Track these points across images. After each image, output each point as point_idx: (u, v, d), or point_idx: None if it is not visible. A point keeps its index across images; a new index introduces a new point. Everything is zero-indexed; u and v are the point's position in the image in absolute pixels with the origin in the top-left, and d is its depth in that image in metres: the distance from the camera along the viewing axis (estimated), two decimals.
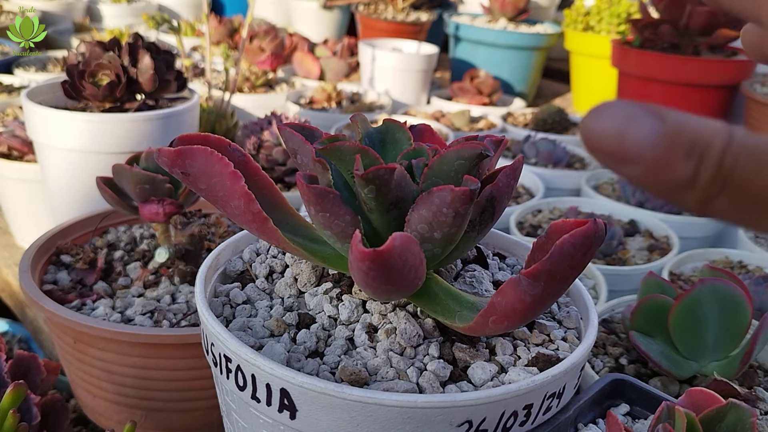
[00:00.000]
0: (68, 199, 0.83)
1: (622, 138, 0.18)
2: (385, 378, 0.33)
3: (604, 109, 0.19)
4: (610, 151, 0.19)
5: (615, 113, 0.19)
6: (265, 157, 1.02)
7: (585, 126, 0.19)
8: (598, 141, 0.19)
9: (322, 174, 0.34)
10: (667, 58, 1.40)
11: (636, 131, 0.18)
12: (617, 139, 0.18)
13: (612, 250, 0.91)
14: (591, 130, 0.19)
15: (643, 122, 0.18)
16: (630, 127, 0.18)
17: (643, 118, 0.19)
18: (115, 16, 2.15)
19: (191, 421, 0.60)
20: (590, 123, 0.19)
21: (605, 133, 0.19)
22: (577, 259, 0.30)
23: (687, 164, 0.18)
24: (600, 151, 0.19)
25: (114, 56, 0.79)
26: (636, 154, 0.18)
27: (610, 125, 0.19)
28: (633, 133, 0.18)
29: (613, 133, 0.18)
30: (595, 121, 0.19)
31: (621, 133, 0.18)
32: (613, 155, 0.19)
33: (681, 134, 0.18)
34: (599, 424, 0.41)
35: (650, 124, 0.18)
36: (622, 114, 0.19)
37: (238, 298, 0.40)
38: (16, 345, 0.92)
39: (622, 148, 0.18)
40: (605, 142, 0.19)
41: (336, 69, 1.77)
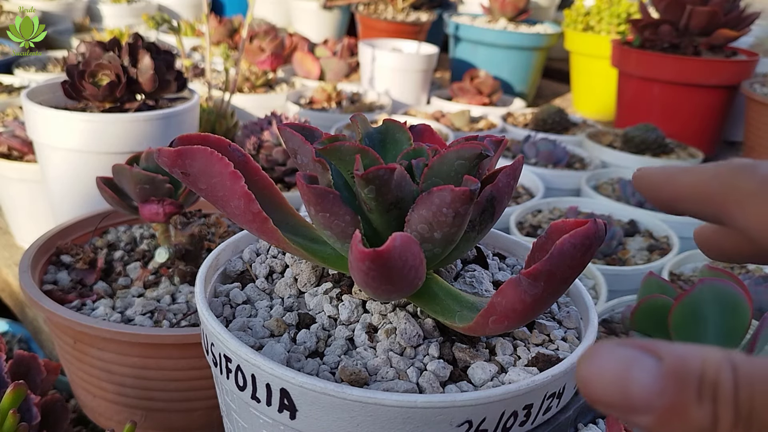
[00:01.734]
0: (68, 199, 0.83)
1: (625, 387, 0.17)
2: (385, 378, 0.33)
3: (596, 355, 0.17)
4: (616, 402, 0.17)
5: (610, 358, 0.17)
6: (265, 157, 1.02)
7: (581, 376, 0.17)
8: (600, 393, 0.17)
9: (322, 174, 0.34)
10: (667, 58, 1.40)
11: (638, 377, 0.17)
12: (620, 389, 0.17)
13: (612, 250, 0.91)
14: (589, 381, 0.17)
15: (642, 365, 0.17)
16: (631, 374, 0.17)
17: (641, 359, 0.17)
18: (115, 16, 2.16)
19: (191, 421, 0.60)
20: (586, 373, 0.17)
21: (605, 384, 0.17)
22: (577, 259, 0.30)
23: (702, 408, 0.16)
24: (604, 404, 0.17)
25: (114, 56, 0.79)
26: (645, 404, 0.17)
27: (608, 374, 0.17)
28: (636, 380, 0.17)
29: (613, 383, 0.17)
30: (590, 370, 0.17)
31: (623, 382, 0.17)
32: (620, 407, 0.17)
33: (685, 372, 0.17)
34: (599, 424, 0.41)
35: (649, 365, 0.17)
36: (619, 359, 0.17)
37: (238, 298, 0.40)
38: (16, 345, 0.92)
39: (627, 399, 0.17)
40: (608, 394, 0.17)
41: (336, 69, 1.77)
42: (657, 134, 1.29)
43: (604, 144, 1.35)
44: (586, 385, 0.17)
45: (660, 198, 0.28)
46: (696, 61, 1.40)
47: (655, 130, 1.30)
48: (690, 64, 1.40)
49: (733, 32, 1.37)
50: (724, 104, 1.46)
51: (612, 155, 1.27)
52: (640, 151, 1.29)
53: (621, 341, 0.18)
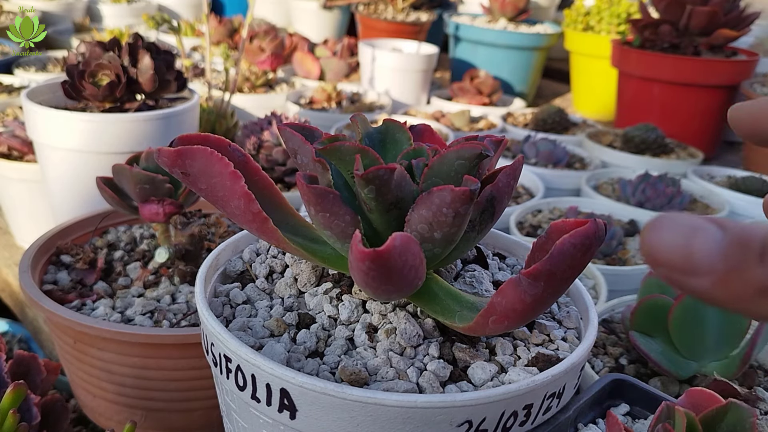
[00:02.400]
0: (68, 199, 0.83)
1: (689, 250, 0.18)
2: (385, 378, 0.33)
3: (663, 222, 0.18)
4: (677, 264, 0.18)
5: (676, 225, 0.18)
6: (265, 157, 1.02)
7: (646, 241, 0.18)
8: (663, 255, 0.18)
9: (322, 174, 0.34)
10: (667, 58, 1.40)
11: (703, 242, 0.18)
12: (684, 252, 0.18)
13: (612, 250, 0.91)
14: (654, 245, 0.18)
15: (707, 233, 0.18)
16: (695, 239, 0.18)
17: (706, 228, 0.18)
18: (115, 16, 2.16)
19: (191, 421, 0.60)
20: (652, 238, 0.18)
21: (670, 247, 0.18)
22: (577, 259, 0.30)
23: (763, 268, 0.17)
24: (666, 265, 0.18)
25: (114, 56, 0.79)
26: (706, 266, 0.18)
27: (674, 238, 0.18)
28: (700, 245, 0.18)
29: (678, 247, 0.18)
30: (656, 236, 0.18)
31: (687, 246, 0.18)
32: (682, 268, 0.18)
33: (748, 239, 0.18)
34: (599, 424, 0.41)
35: (714, 233, 0.18)
36: (685, 225, 0.18)
37: (238, 298, 0.40)
38: (16, 345, 0.92)
39: (690, 261, 0.18)
40: (671, 257, 0.18)
41: (336, 69, 1.77)
42: (657, 134, 1.29)
43: (604, 144, 1.35)
44: (651, 250, 0.18)
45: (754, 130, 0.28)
46: (696, 61, 1.40)
47: (655, 130, 1.30)
48: (690, 64, 1.40)
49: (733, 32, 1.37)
50: (724, 104, 1.46)
51: (612, 155, 1.27)
52: (640, 151, 1.29)
53: (684, 213, 0.19)
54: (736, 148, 1.62)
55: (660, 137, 1.29)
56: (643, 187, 1.05)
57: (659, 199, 1.04)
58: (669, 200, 1.04)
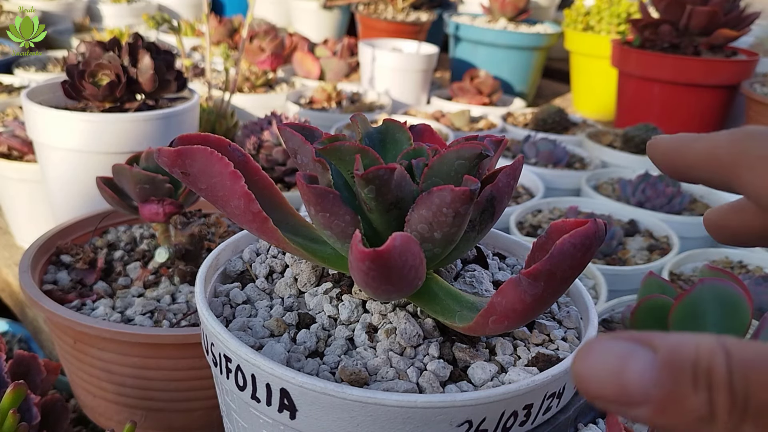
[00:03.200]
0: (68, 199, 0.83)
1: (621, 381, 0.17)
2: (385, 378, 0.33)
3: (591, 351, 0.18)
4: (613, 396, 0.17)
5: (604, 353, 0.17)
6: (265, 157, 1.02)
7: (577, 373, 0.18)
8: (596, 389, 0.17)
9: (322, 174, 0.34)
10: (667, 58, 1.40)
11: (633, 369, 0.17)
12: (616, 383, 0.17)
13: (612, 250, 0.91)
14: (585, 377, 0.18)
15: (636, 357, 0.17)
16: (626, 367, 0.17)
17: (635, 352, 0.17)
18: (115, 16, 2.16)
19: (191, 421, 0.60)
20: (582, 369, 0.18)
21: (601, 379, 0.17)
22: (577, 259, 0.30)
23: (698, 396, 0.17)
24: (601, 399, 0.17)
25: (114, 56, 0.79)
26: (641, 395, 0.17)
27: (604, 369, 0.17)
28: (631, 373, 0.17)
29: (609, 378, 0.17)
30: (585, 366, 0.18)
31: (618, 376, 0.17)
32: (617, 400, 0.17)
33: (679, 361, 0.17)
34: (599, 424, 0.41)
35: (644, 357, 0.17)
36: (613, 353, 0.17)
37: (238, 298, 0.40)
38: (16, 345, 0.92)
39: (624, 392, 0.17)
40: (604, 389, 0.17)
41: (336, 69, 1.77)
42: (657, 134, 1.29)
43: (604, 144, 1.35)
44: (582, 382, 0.18)
45: (673, 165, 0.28)
46: (696, 61, 1.40)
47: (655, 129, 1.30)
48: (690, 64, 1.40)
49: (733, 32, 1.37)
50: (724, 104, 1.46)
51: (612, 155, 1.27)
52: (640, 151, 1.29)
53: (615, 334, 0.18)
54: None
55: None
56: (643, 187, 1.05)
57: (659, 199, 1.04)
58: (669, 200, 1.04)
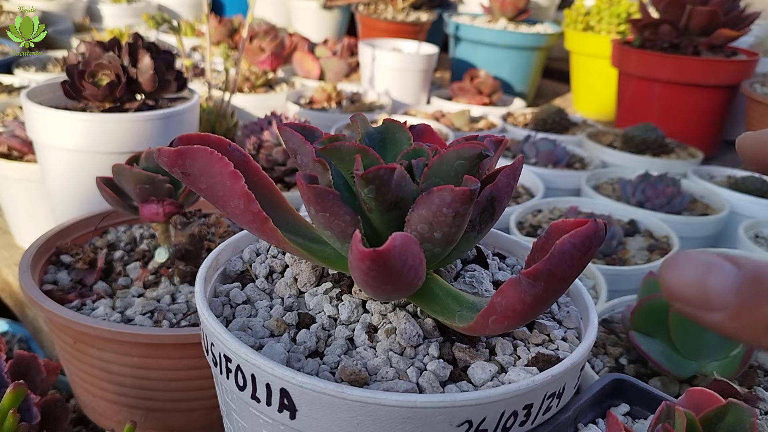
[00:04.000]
0: (68, 199, 0.83)
1: (705, 286, 0.19)
2: (385, 378, 0.33)
3: (679, 260, 0.20)
4: (694, 300, 0.19)
5: (691, 263, 0.19)
6: (265, 157, 1.02)
7: (664, 279, 0.20)
8: (679, 290, 0.19)
9: (322, 174, 0.34)
10: (667, 58, 1.40)
11: (717, 278, 0.19)
12: (699, 288, 0.19)
13: (612, 250, 0.91)
14: (671, 283, 0.19)
15: (721, 269, 0.19)
16: (710, 275, 0.19)
17: (720, 265, 0.19)
18: (115, 16, 2.15)
19: (191, 421, 0.60)
20: (669, 275, 0.20)
21: (686, 284, 0.19)
22: (577, 259, 0.30)
23: None
24: (682, 300, 0.19)
25: (114, 56, 0.79)
26: (721, 301, 0.19)
27: (690, 275, 0.19)
28: (714, 281, 0.19)
29: (694, 283, 0.19)
30: (673, 273, 0.19)
31: (702, 282, 0.19)
32: (697, 303, 0.19)
33: (762, 276, 0.19)
34: (599, 424, 0.41)
35: (729, 270, 0.19)
36: (700, 263, 0.19)
37: (238, 298, 0.40)
38: (16, 345, 0.92)
39: (705, 297, 0.19)
40: (687, 292, 0.19)
41: (336, 69, 1.77)
42: (657, 134, 1.29)
43: (604, 144, 1.35)
44: (668, 285, 0.20)
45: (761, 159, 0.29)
46: (696, 61, 1.40)
47: (655, 129, 1.30)
48: (690, 64, 1.40)
49: (733, 32, 1.37)
50: (724, 104, 1.46)
51: (612, 155, 1.27)
52: (640, 151, 1.29)
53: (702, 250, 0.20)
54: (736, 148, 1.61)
55: (660, 137, 1.29)
56: (643, 187, 1.05)
57: (659, 199, 1.04)
58: (669, 200, 1.04)
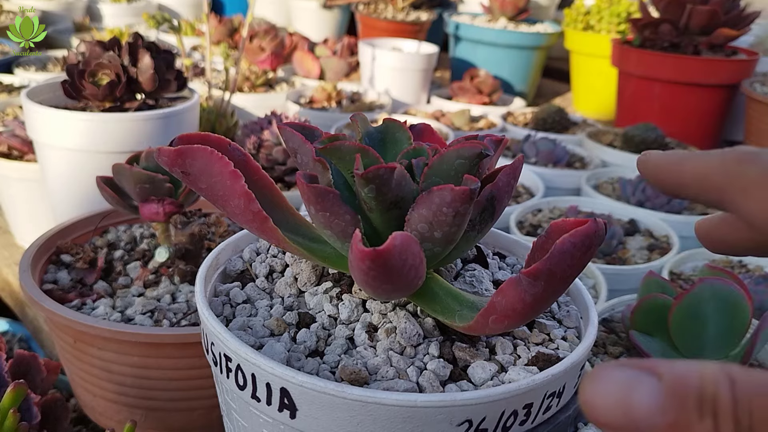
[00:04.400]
0: (68, 199, 0.83)
1: (628, 408, 0.18)
2: (385, 377, 0.33)
3: (598, 379, 0.18)
4: (620, 423, 0.18)
5: (611, 381, 0.18)
6: (265, 157, 1.02)
7: (584, 400, 0.18)
8: (604, 416, 0.18)
9: (322, 173, 0.34)
10: (667, 57, 1.40)
11: (639, 398, 0.18)
12: (623, 410, 0.18)
13: (612, 250, 0.91)
14: (593, 405, 0.18)
15: (642, 385, 0.18)
16: (632, 394, 0.18)
17: (641, 380, 0.18)
18: (115, 15, 2.15)
19: (191, 421, 0.60)
20: (590, 396, 0.18)
21: (609, 406, 0.18)
22: (578, 259, 0.30)
23: (703, 424, 0.17)
24: (609, 426, 0.18)
25: (114, 56, 0.79)
26: (647, 423, 0.17)
27: (611, 396, 0.18)
28: (638, 401, 0.18)
29: (616, 405, 0.18)
30: (593, 394, 0.18)
31: (625, 403, 0.18)
32: (625, 427, 0.18)
33: (684, 389, 0.17)
34: None
35: (649, 385, 0.18)
36: (620, 381, 0.18)
37: (238, 297, 0.40)
38: (16, 344, 0.92)
39: (631, 419, 0.18)
40: (612, 416, 0.18)
41: (336, 68, 1.77)
42: (657, 133, 1.29)
43: (604, 143, 1.35)
44: (590, 409, 0.18)
45: (664, 182, 0.28)
46: (696, 61, 1.40)
47: (655, 129, 1.30)
48: (690, 64, 1.40)
49: (733, 31, 1.37)
50: (724, 103, 1.46)
51: (612, 154, 1.27)
52: (640, 151, 1.28)
53: (620, 362, 0.19)
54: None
55: (660, 137, 1.29)
56: (643, 187, 1.05)
57: (659, 199, 1.04)
58: (669, 200, 1.04)
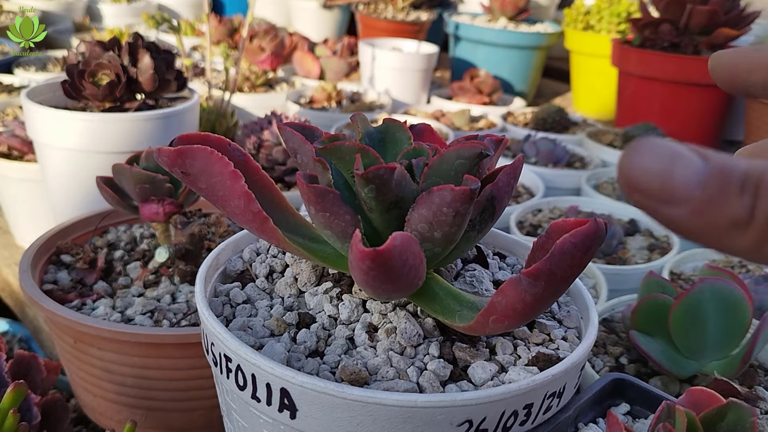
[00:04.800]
0: (68, 199, 0.83)
1: (668, 177, 0.17)
2: (385, 377, 0.33)
3: (643, 147, 0.18)
4: (655, 191, 0.17)
5: (656, 151, 0.17)
6: (265, 157, 1.02)
7: (624, 165, 0.18)
8: (640, 181, 0.17)
9: (322, 173, 0.34)
10: (667, 57, 1.40)
11: (683, 170, 0.17)
12: (662, 178, 0.17)
13: (612, 250, 0.91)
14: (631, 169, 0.18)
15: (687, 160, 0.17)
16: (676, 166, 0.17)
17: (687, 156, 0.17)
18: (115, 15, 2.15)
19: (191, 421, 0.60)
20: (630, 162, 0.18)
21: (648, 173, 0.17)
22: (578, 259, 0.30)
23: (741, 200, 0.17)
24: (643, 191, 0.17)
25: (114, 56, 0.79)
26: (684, 194, 0.17)
27: (653, 164, 0.17)
28: (680, 173, 0.17)
29: (657, 172, 0.17)
30: (635, 160, 0.17)
31: (666, 172, 0.17)
32: (659, 195, 0.17)
33: (730, 170, 0.17)
34: (599, 424, 0.41)
35: (696, 162, 0.17)
36: (665, 152, 0.17)
37: (238, 297, 0.40)
38: (17, 345, 0.92)
39: (668, 188, 0.17)
40: (648, 182, 0.17)
41: (336, 68, 1.77)
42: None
43: (605, 143, 1.35)
44: (629, 174, 0.18)
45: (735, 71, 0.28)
46: (696, 60, 1.39)
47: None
48: (690, 63, 1.40)
49: (733, 31, 1.37)
50: (724, 103, 1.46)
51: (612, 154, 1.27)
52: None
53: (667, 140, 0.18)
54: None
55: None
56: None
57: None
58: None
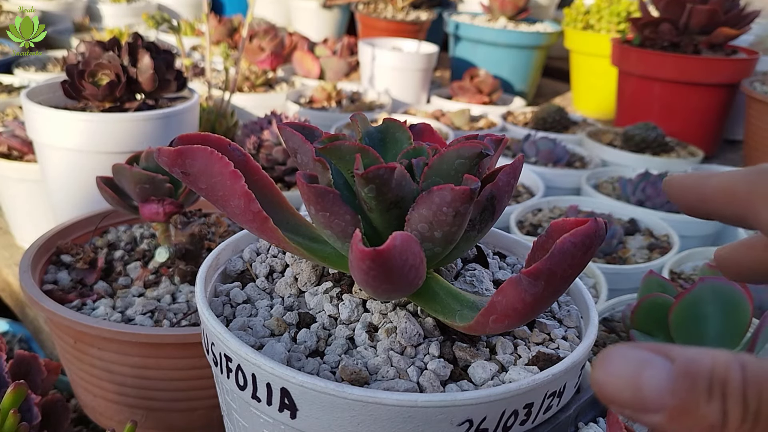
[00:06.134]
0: (68, 199, 0.83)
1: (638, 387, 0.18)
2: (385, 377, 0.33)
3: (611, 358, 0.18)
4: (628, 401, 0.18)
5: (623, 360, 0.18)
6: (265, 157, 1.02)
7: (596, 378, 0.18)
8: (613, 393, 0.18)
9: (322, 173, 0.34)
10: (667, 56, 1.40)
11: (651, 377, 0.18)
12: (633, 388, 0.18)
13: (612, 249, 0.91)
14: (603, 382, 0.18)
15: (654, 366, 0.18)
16: (643, 374, 0.18)
17: (653, 361, 0.18)
18: (114, 15, 2.15)
19: (192, 421, 0.60)
20: (601, 374, 0.18)
21: (619, 384, 0.18)
22: (578, 258, 0.30)
23: (712, 405, 0.17)
24: (617, 403, 0.18)
25: (114, 56, 0.79)
26: (657, 402, 0.18)
27: (622, 375, 0.18)
28: (648, 380, 0.18)
29: (627, 383, 0.18)
30: (605, 372, 0.18)
31: (635, 382, 0.18)
32: (632, 406, 0.18)
33: (695, 372, 0.18)
34: (600, 423, 0.41)
35: (661, 366, 0.18)
36: (632, 361, 0.18)
37: (238, 297, 0.40)
38: (17, 345, 0.92)
39: (640, 398, 0.18)
40: (621, 394, 0.18)
41: (336, 68, 1.77)
42: (657, 133, 1.29)
43: (604, 143, 1.35)
44: (601, 387, 0.18)
45: (689, 200, 0.29)
46: (696, 60, 1.39)
47: (655, 128, 1.30)
48: (690, 63, 1.40)
49: (733, 31, 1.37)
50: (724, 103, 1.46)
51: (612, 154, 1.27)
52: (640, 150, 1.29)
53: (633, 344, 0.19)
54: (736, 147, 1.62)
55: (660, 136, 1.29)
56: (643, 186, 1.05)
57: (659, 198, 1.04)
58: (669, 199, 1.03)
